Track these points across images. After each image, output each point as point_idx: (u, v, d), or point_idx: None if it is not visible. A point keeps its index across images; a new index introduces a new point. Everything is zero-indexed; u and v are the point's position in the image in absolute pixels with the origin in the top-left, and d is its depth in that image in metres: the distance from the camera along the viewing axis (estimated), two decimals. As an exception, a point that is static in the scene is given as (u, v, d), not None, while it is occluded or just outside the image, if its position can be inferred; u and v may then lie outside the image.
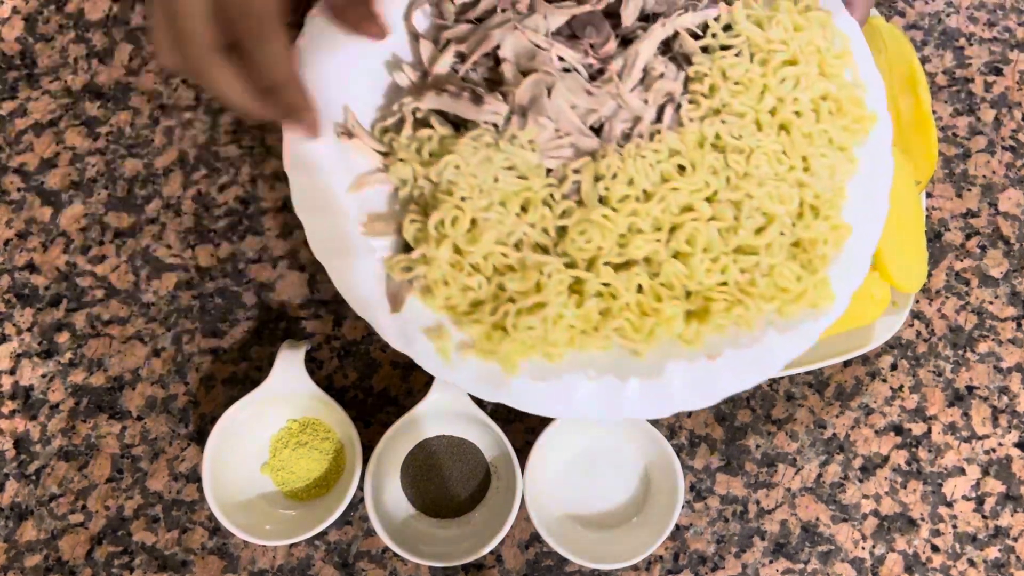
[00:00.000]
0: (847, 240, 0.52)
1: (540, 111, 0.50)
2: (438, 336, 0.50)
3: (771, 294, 0.50)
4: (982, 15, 0.70)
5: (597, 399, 0.50)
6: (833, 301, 0.51)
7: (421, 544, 0.57)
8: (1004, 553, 0.60)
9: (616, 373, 0.50)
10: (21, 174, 0.65)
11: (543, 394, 0.50)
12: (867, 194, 0.53)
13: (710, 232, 0.49)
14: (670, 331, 0.50)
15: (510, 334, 0.48)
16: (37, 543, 0.59)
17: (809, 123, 0.51)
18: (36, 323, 0.62)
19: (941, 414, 0.62)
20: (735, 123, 0.50)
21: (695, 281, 0.49)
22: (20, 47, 0.68)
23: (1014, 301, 0.64)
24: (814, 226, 0.51)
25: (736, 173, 0.50)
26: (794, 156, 0.51)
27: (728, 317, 0.50)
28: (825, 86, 0.52)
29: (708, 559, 0.59)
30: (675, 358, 0.50)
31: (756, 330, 0.51)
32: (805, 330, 0.51)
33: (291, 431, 0.59)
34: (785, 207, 0.50)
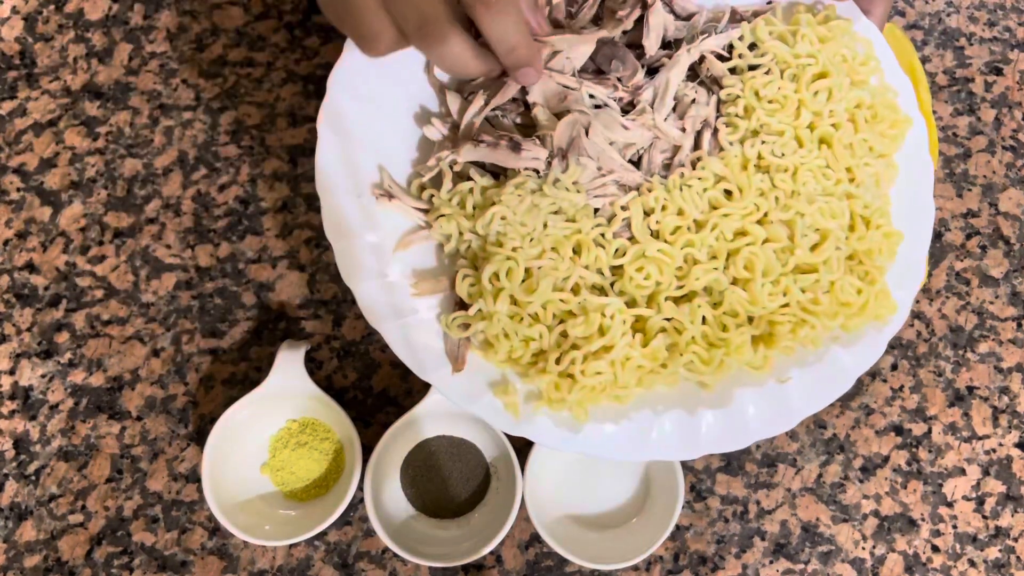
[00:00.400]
0: (900, 246, 0.51)
1: (580, 151, 0.50)
2: (504, 392, 0.49)
3: (835, 310, 0.49)
4: (982, 15, 0.70)
5: (674, 438, 0.49)
6: (895, 310, 0.50)
7: (421, 544, 0.57)
8: (1004, 553, 0.60)
9: (685, 407, 0.50)
10: (20, 174, 0.65)
11: (619, 438, 0.49)
12: (911, 197, 0.52)
13: (768, 255, 0.49)
14: (740, 359, 0.49)
15: (578, 381, 0.47)
16: (37, 543, 0.59)
17: (849, 134, 0.50)
18: (35, 323, 0.62)
19: (941, 414, 0.62)
20: (776, 141, 0.50)
21: (759, 307, 0.49)
22: (19, 47, 0.68)
23: (1014, 301, 0.64)
24: (868, 237, 0.50)
25: (784, 192, 0.50)
26: (838, 169, 0.50)
27: (795, 339, 0.49)
28: (858, 94, 0.51)
29: (708, 559, 0.59)
30: (743, 385, 0.50)
31: (821, 347, 0.50)
32: (870, 341, 0.50)
33: (291, 431, 0.59)
34: (838, 221, 0.50)
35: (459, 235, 0.50)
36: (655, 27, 0.52)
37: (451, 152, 0.50)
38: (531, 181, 0.49)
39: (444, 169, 0.50)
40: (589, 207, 0.49)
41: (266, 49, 0.68)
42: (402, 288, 0.50)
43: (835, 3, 0.53)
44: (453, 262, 0.51)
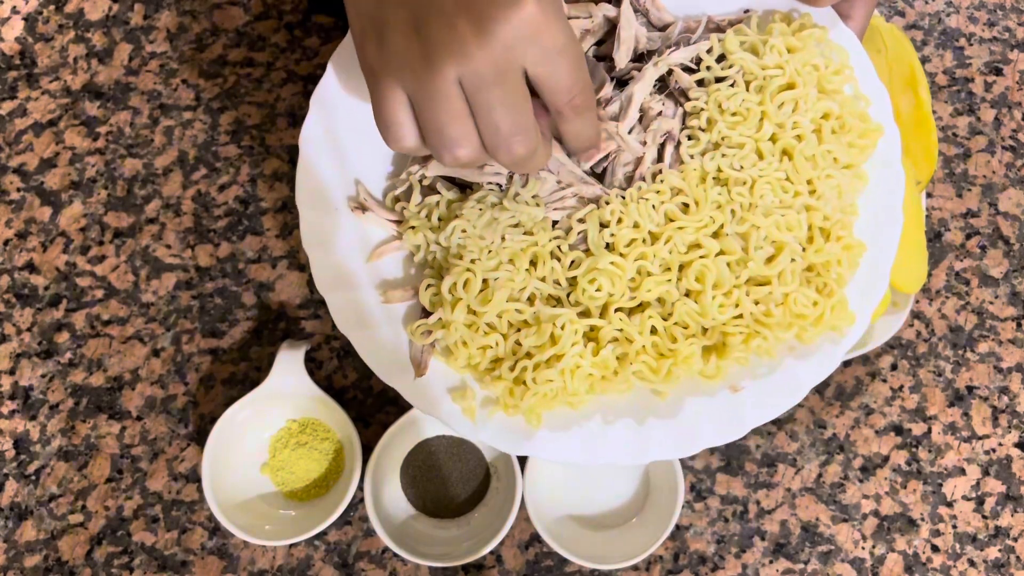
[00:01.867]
0: (862, 257, 0.51)
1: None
2: (462, 397, 0.50)
3: (788, 322, 0.50)
4: (982, 15, 0.70)
5: (623, 444, 0.50)
6: (853, 322, 0.50)
7: (421, 544, 0.57)
8: (1004, 553, 0.60)
9: (635, 415, 0.50)
10: (21, 174, 0.65)
11: (569, 444, 0.50)
12: (880, 207, 0.52)
13: (720, 268, 0.49)
14: (689, 370, 0.50)
15: (530, 388, 0.49)
16: (37, 543, 0.59)
17: (812, 146, 0.50)
18: (36, 323, 0.62)
19: (941, 414, 0.62)
20: (735, 154, 0.50)
21: (708, 318, 0.49)
22: (20, 47, 0.68)
23: (1014, 301, 0.64)
24: (826, 249, 0.50)
25: (741, 205, 0.50)
26: (799, 181, 0.50)
27: (747, 349, 0.49)
28: (826, 105, 0.51)
29: (708, 559, 0.59)
30: (696, 394, 0.50)
31: (775, 358, 0.50)
32: (826, 352, 0.51)
33: (291, 431, 0.59)
34: (793, 234, 0.50)
35: (426, 246, 0.51)
36: (625, 40, 0.52)
37: (421, 167, 0.52)
38: (492, 195, 0.51)
39: (414, 183, 0.52)
40: (547, 220, 0.50)
41: (266, 49, 0.68)
42: (372, 297, 0.52)
43: (811, 11, 0.53)
44: (420, 272, 0.52)
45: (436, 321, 0.49)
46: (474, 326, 0.49)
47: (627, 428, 0.50)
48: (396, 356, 0.51)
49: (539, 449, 0.50)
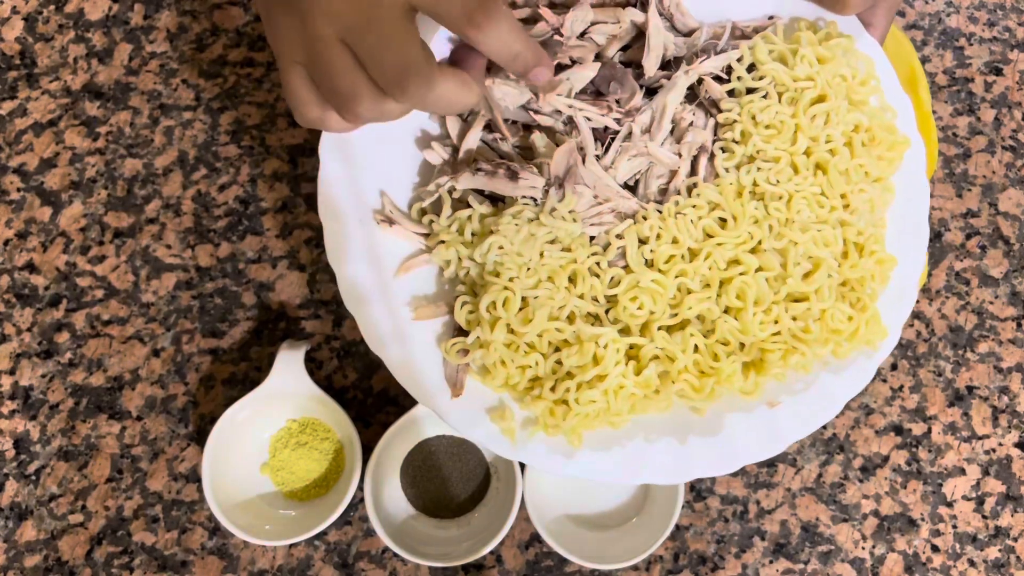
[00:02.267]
0: (892, 271, 0.51)
1: (576, 180, 0.50)
2: (501, 417, 0.50)
3: (825, 337, 0.50)
4: (982, 15, 0.70)
5: (665, 462, 0.50)
6: (886, 336, 0.51)
7: (421, 544, 0.57)
8: (1004, 553, 0.60)
9: (676, 434, 0.50)
10: (21, 174, 0.65)
11: (612, 463, 0.50)
12: (907, 220, 0.52)
13: (760, 284, 0.49)
14: (731, 387, 0.50)
15: (572, 408, 0.48)
16: (37, 543, 0.59)
17: (845, 160, 0.50)
18: (36, 323, 0.62)
19: (941, 414, 0.62)
20: (771, 168, 0.50)
21: (750, 336, 0.49)
22: (20, 47, 0.68)
23: (1014, 301, 0.64)
24: (860, 264, 0.50)
25: (779, 220, 0.50)
26: (833, 196, 0.50)
27: (786, 365, 0.49)
28: (856, 117, 0.51)
29: (708, 559, 0.59)
30: (733, 410, 0.50)
31: (811, 373, 0.51)
32: (860, 367, 0.51)
33: (291, 431, 0.59)
34: (830, 249, 0.50)
35: (458, 261, 0.50)
36: (655, 47, 0.51)
37: (450, 178, 0.50)
38: (528, 210, 0.50)
39: (443, 195, 0.51)
40: (585, 236, 0.50)
41: (266, 49, 0.68)
42: (403, 313, 0.50)
43: (837, 19, 0.53)
44: (452, 287, 0.51)
45: (474, 340, 0.49)
46: (513, 345, 0.49)
47: (668, 446, 0.50)
48: (429, 375, 0.50)
49: (582, 469, 0.49)
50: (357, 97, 0.41)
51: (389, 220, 0.51)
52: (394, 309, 0.50)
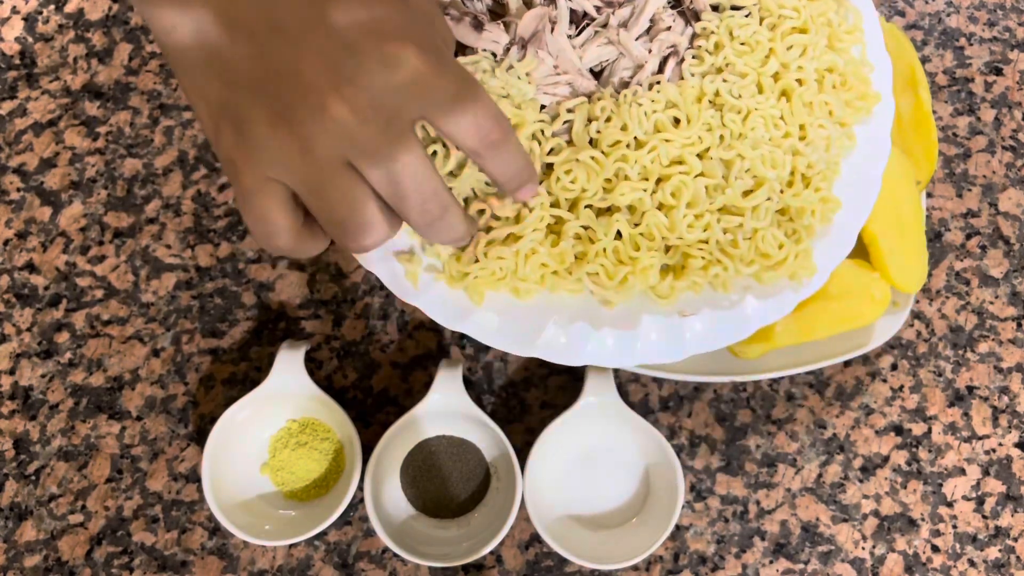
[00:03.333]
0: (836, 214, 0.51)
1: (540, 45, 0.50)
2: (409, 260, 0.49)
3: (751, 258, 0.49)
4: (982, 15, 0.70)
5: (560, 342, 0.49)
6: (814, 273, 0.50)
7: (421, 544, 0.57)
8: (1004, 553, 0.60)
9: (580, 320, 0.50)
10: (20, 174, 0.65)
11: (508, 330, 0.49)
12: (862, 173, 0.52)
13: (697, 188, 0.49)
14: (644, 281, 0.49)
15: (480, 262, 0.48)
16: (36, 543, 0.59)
17: (811, 92, 0.51)
18: (35, 323, 0.62)
19: (941, 414, 0.62)
20: (736, 82, 0.50)
21: (676, 235, 0.49)
22: (19, 47, 0.68)
23: (1014, 301, 0.64)
24: (803, 195, 0.50)
25: (732, 132, 0.50)
26: (792, 123, 0.50)
27: (705, 276, 0.49)
28: (832, 59, 0.51)
29: (708, 559, 0.59)
30: (648, 312, 0.50)
31: (734, 294, 0.50)
32: (783, 299, 0.50)
33: (291, 431, 0.59)
34: (776, 172, 0.50)
35: None
36: None
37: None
38: (485, 61, 0.49)
39: None
40: (536, 101, 0.49)
41: (266, 49, 0.68)
42: None
43: None
44: None
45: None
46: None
47: (566, 328, 0.49)
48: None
49: (475, 329, 0.48)
50: (373, 231, 0.37)
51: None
52: None
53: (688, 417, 0.62)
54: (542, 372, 0.62)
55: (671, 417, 0.61)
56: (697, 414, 0.62)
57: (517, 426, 0.61)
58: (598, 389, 0.58)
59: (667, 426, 0.61)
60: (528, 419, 0.61)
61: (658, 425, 0.61)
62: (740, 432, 0.61)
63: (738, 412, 0.62)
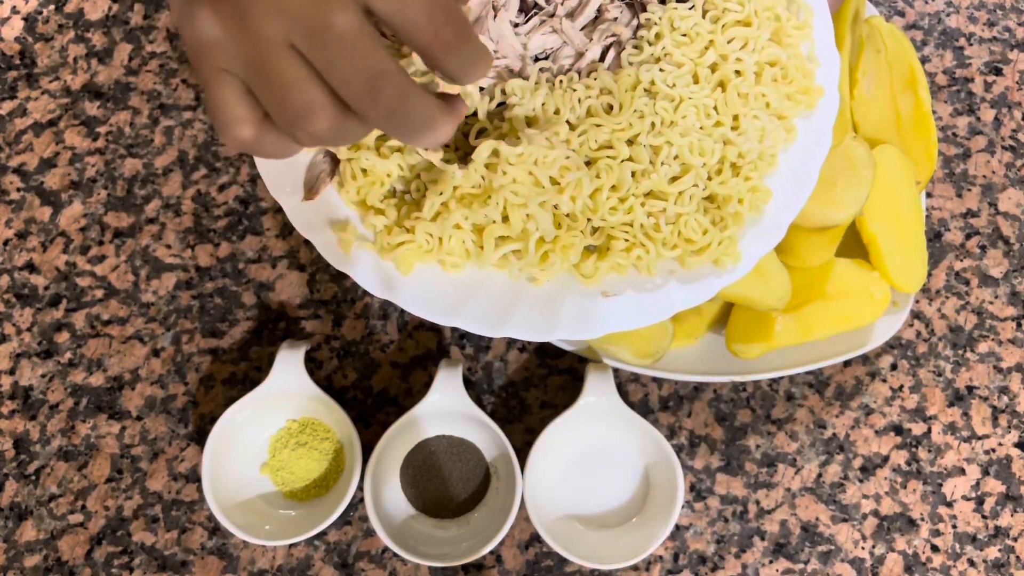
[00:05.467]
0: (767, 204, 0.52)
1: (482, 30, 0.51)
2: (342, 229, 0.50)
3: (674, 242, 0.50)
4: (982, 15, 0.70)
5: (483, 313, 0.50)
6: (738, 261, 0.51)
7: (421, 544, 0.57)
8: (1004, 553, 0.60)
9: (507, 295, 0.51)
10: (20, 174, 0.65)
11: (433, 300, 0.50)
12: (799, 166, 0.53)
13: (623, 171, 0.50)
14: (565, 259, 0.50)
15: (412, 231, 0.49)
16: (36, 543, 0.59)
17: (747, 84, 0.52)
18: (35, 323, 0.62)
19: (941, 414, 0.62)
20: (672, 72, 0.51)
21: (598, 215, 0.49)
22: (19, 47, 0.68)
23: (1014, 301, 0.64)
24: (731, 184, 0.51)
25: (663, 120, 0.50)
26: (724, 113, 0.51)
27: (627, 258, 0.50)
28: (775, 53, 0.52)
29: (708, 559, 0.59)
30: (572, 292, 0.51)
31: (658, 277, 0.51)
32: (706, 284, 0.51)
33: (290, 431, 0.59)
34: (704, 160, 0.51)
35: None
36: None
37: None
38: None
39: None
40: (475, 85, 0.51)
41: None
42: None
43: None
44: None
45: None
46: (381, 153, 0.49)
47: (490, 300, 0.50)
48: (291, 173, 0.50)
49: (401, 298, 0.49)
50: (315, 114, 0.35)
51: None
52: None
53: (688, 417, 0.62)
54: (542, 372, 0.62)
55: (671, 417, 0.61)
56: (697, 414, 0.62)
57: (517, 426, 0.61)
58: (598, 389, 0.58)
59: (667, 426, 0.61)
60: (528, 419, 0.61)
61: (658, 425, 0.61)
62: (740, 432, 0.61)
63: (738, 412, 0.62)
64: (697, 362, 0.60)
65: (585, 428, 0.59)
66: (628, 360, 0.58)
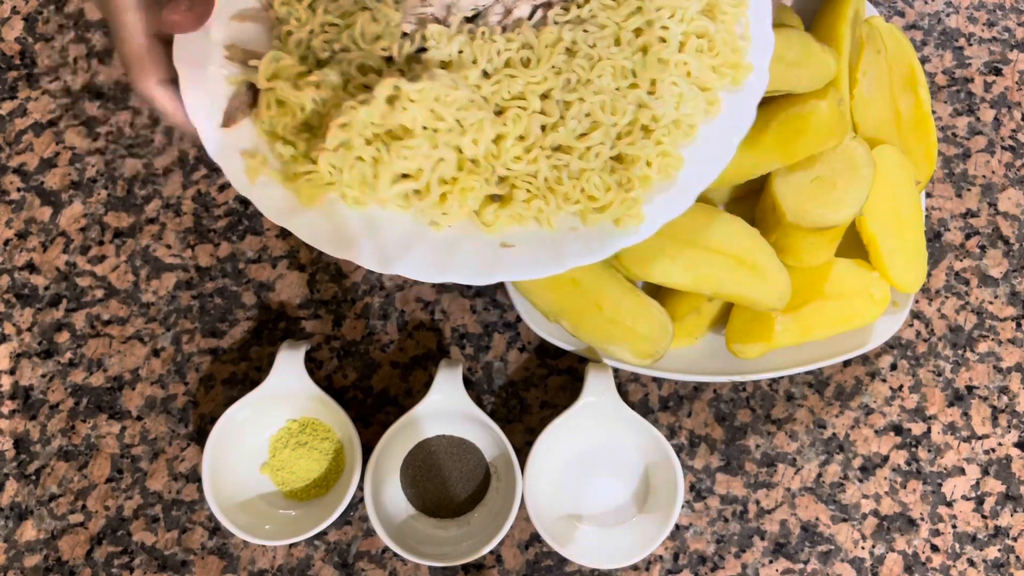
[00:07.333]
0: (679, 171, 0.52)
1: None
2: (251, 156, 0.51)
3: (576, 197, 0.51)
4: (982, 15, 0.70)
5: (374, 248, 0.50)
6: (640, 222, 0.51)
7: (421, 544, 0.57)
8: (1004, 553, 0.60)
9: (407, 235, 0.51)
10: (21, 174, 0.65)
11: (329, 233, 0.50)
12: (718, 140, 0.53)
13: (531, 122, 0.50)
14: (464, 202, 0.50)
15: (313, 165, 0.50)
16: (37, 543, 0.59)
17: (670, 51, 0.52)
18: (36, 323, 0.62)
19: (941, 414, 0.62)
20: (595, 32, 0.51)
21: (501, 162, 0.50)
22: (20, 47, 0.68)
23: (1014, 301, 0.64)
24: (639, 145, 0.51)
25: (579, 78, 0.51)
26: (643, 77, 0.52)
27: (528, 209, 0.50)
28: (704, 24, 0.53)
29: (708, 559, 0.59)
30: (472, 239, 0.51)
31: (558, 232, 0.51)
32: (605, 243, 0.51)
33: (291, 431, 0.59)
34: (615, 119, 0.51)
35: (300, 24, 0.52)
36: None
37: None
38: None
39: None
40: (400, 27, 0.51)
41: (266, 49, 0.68)
42: (217, 48, 0.52)
43: None
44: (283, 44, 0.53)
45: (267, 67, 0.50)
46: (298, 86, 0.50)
47: (385, 237, 0.50)
48: (214, 106, 0.51)
49: (298, 227, 0.50)
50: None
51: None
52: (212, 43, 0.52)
53: (688, 417, 0.62)
54: (542, 372, 0.62)
55: (671, 417, 0.62)
56: (697, 414, 0.62)
57: (517, 426, 0.61)
58: (598, 389, 0.58)
59: (667, 426, 0.61)
60: (528, 419, 0.61)
61: (658, 425, 0.61)
62: (740, 432, 0.61)
63: (738, 412, 0.62)
64: (697, 362, 0.60)
65: (585, 428, 0.59)
66: (628, 360, 0.58)
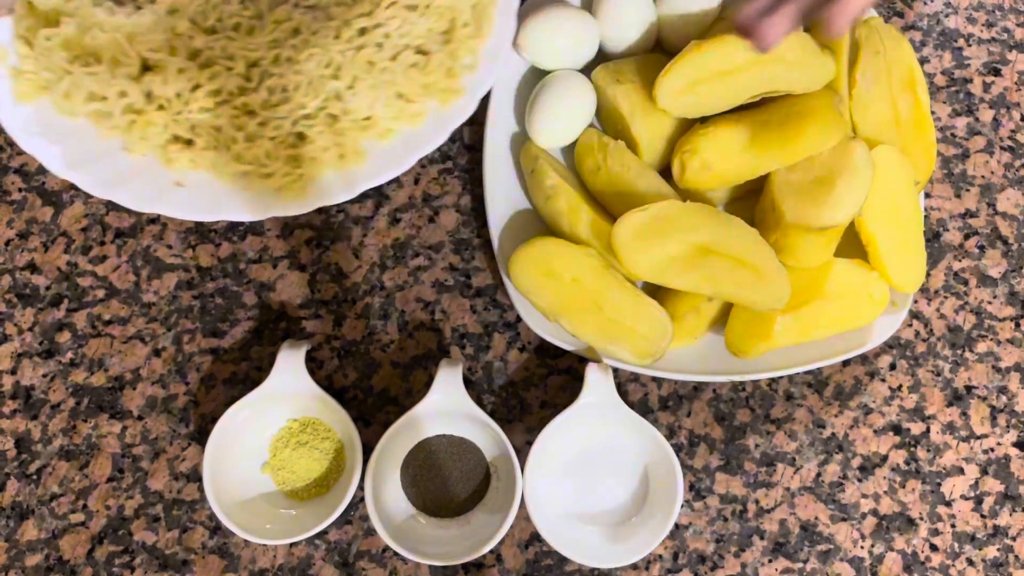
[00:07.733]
0: (358, 166, 0.59)
1: None
2: (3, 57, 0.58)
3: (248, 159, 0.57)
4: (981, 15, 0.71)
5: (63, 153, 0.58)
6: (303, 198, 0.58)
7: (421, 543, 0.57)
8: (1003, 552, 0.60)
9: (100, 152, 0.58)
10: (22, 174, 0.65)
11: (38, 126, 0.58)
12: (405, 147, 0.59)
13: (229, 80, 0.56)
14: (146, 134, 0.57)
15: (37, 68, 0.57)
16: (38, 542, 0.59)
17: (381, 58, 0.57)
18: (37, 323, 0.63)
19: (940, 414, 0.62)
20: (321, 22, 0.57)
21: (188, 108, 0.56)
22: (21, 47, 0.68)
23: (1012, 301, 0.65)
24: (317, 130, 0.57)
25: (289, 57, 0.56)
26: (346, 73, 0.57)
27: (204, 157, 0.58)
28: (428, 44, 0.58)
29: (707, 558, 0.59)
30: (152, 172, 0.59)
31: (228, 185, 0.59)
32: (265, 208, 0.59)
33: (291, 431, 0.60)
34: (306, 101, 0.57)
35: None
36: None
37: None
38: None
39: None
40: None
41: (267, 50, 0.68)
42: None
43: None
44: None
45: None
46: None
47: (75, 149, 0.58)
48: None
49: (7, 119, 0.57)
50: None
51: None
52: None
53: (687, 416, 0.62)
54: (542, 372, 0.62)
55: (670, 416, 0.62)
56: (696, 413, 0.62)
57: (517, 426, 0.61)
58: (598, 389, 0.58)
59: (666, 425, 0.62)
60: (528, 419, 0.61)
61: (657, 424, 0.61)
62: (739, 431, 0.62)
63: (737, 411, 0.62)
64: (697, 362, 0.60)
65: (585, 428, 0.59)
66: (628, 360, 0.58)
